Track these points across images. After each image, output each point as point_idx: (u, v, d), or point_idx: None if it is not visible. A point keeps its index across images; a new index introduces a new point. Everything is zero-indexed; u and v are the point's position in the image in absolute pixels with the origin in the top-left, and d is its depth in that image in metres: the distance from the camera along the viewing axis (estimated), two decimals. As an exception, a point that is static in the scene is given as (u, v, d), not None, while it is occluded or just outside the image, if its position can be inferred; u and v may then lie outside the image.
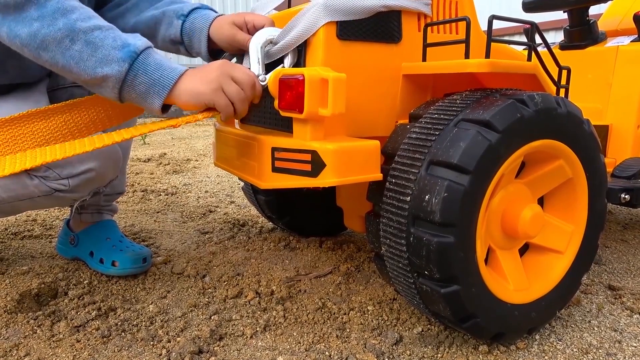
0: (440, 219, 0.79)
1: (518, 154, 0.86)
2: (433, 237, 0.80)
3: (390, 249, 0.88)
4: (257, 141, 0.92)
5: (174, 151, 3.41)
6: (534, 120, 0.86)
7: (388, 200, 0.87)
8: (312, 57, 0.92)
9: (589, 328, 1.05)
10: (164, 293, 1.19)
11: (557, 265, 1.01)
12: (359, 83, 0.95)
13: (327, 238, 1.56)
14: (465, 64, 0.88)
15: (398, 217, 0.85)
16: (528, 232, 0.93)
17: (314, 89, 0.80)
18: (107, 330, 1.01)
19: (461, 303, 0.84)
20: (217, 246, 1.51)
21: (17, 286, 1.19)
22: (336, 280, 1.26)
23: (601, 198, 1.03)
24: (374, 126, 0.99)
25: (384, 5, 0.93)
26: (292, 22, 0.93)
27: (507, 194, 0.94)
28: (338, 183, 0.81)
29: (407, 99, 1.01)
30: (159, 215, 1.86)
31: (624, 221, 1.84)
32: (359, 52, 0.94)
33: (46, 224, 1.72)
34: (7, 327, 1.02)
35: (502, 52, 1.13)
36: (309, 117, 0.82)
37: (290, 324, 1.05)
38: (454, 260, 0.81)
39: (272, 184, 0.90)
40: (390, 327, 1.04)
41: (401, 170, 0.86)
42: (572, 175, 0.98)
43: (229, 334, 1.01)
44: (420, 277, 0.85)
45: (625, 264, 1.41)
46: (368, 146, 0.84)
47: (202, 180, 2.50)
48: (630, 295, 1.20)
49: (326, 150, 0.81)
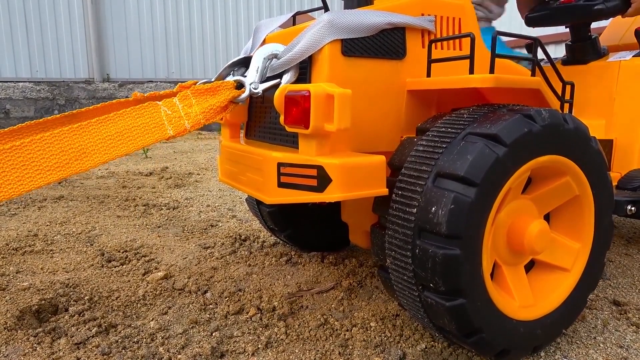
0: (446, 231, 0.79)
1: (525, 168, 0.86)
2: (439, 249, 0.79)
3: (395, 261, 0.88)
4: (263, 156, 0.93)
5: (176, 165, 3.42)
6: (541, 136, 0.86)
7: (394, 212, 0.87)
8: (318, 74, 0.93)
9: (594, 344, 1.04)
10: (164, 309, 1.18)
11: (563, 283, 1.01)
12: (364, 99, 0.96)
13: (329, 253, 1.56)
14: (470, 79, 0.89)
15: (404, 229, 0.85)
16: (534, 247, 0.92)
17: (320, 104, 0.81)
18: (108, 348, 1.00)
19: (467, 317, 0.83)
20: (219, 261, 1.50)
21: (18, 302, 1.19)
22: (338, 295, 1.25)
23: (608, 216, 1.02)
24: (379, 141, 0.99)
25: (389, 22, 0.95)
26: (296, 39, 0.95)
27: (513, 209, 0.93)
28: (344, 198, 0.82)
29: (412, 114, 1.02)
30: (161, 230, 1.86)
31: (628, 235, 1.83)
32: (364, 68, 0.95)
33: (47, 239, 1.72)
34: (7, 344, 1.01)
35: (506, 67, 1.14)
36: (315, 133, 0.83)
37: (292, 341, 1.04)
38: (460, 273, 0.81)
39: (278, 199, 0.90)
40: (394, 343, 1.03)
41: (408, 182, 0.86)
42: (579, 192, 0.98)
43: (230, 351, 1.00)
44: (426, 290, 0.84)
45: (630, 279, 1.40)
46: (374, 161, 0.85)
47: (204, 194, 2.50)
48: (636, 310, 1.19)
49: (332, 165, 0.81)
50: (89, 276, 1.38)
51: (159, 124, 0.93)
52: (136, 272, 1.41)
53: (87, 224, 1.92)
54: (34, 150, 0.87)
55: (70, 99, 5.56)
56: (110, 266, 1.46)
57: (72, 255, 1.56)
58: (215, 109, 0.96)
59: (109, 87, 5.68)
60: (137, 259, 1.52)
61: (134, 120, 0.93)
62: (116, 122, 0.92)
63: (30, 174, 0.87)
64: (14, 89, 5.40)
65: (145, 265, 1.46)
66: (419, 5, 1.01)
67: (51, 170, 0.87)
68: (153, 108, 0.94)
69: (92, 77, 5.69)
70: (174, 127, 0.92)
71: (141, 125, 0.93)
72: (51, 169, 0.87)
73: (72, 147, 0.89)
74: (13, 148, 0.85)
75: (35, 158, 0.87)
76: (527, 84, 0.95)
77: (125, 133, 0.91)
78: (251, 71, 0.99)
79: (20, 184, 0.86)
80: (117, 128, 0.91)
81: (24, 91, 5.43)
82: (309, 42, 0.92)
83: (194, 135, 5.74)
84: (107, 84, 5.68)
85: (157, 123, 0.93)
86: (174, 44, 5.97)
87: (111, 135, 0.91)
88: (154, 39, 5.91)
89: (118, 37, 5.80)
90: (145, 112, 0.93)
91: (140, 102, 1.11)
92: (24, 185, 0.87)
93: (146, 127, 0.92)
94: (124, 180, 2.81)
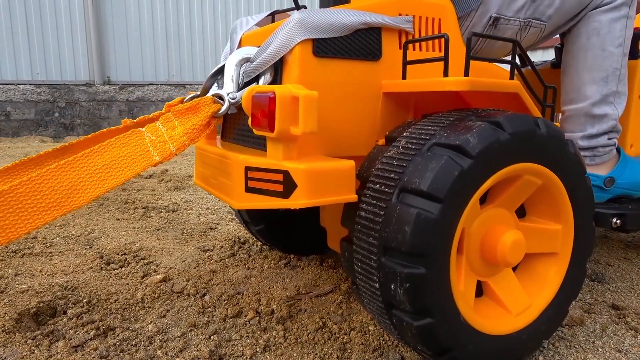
0: (410, 250, 0.76)
1: (493, 179, 0.83)
2: (404, 268, 0.76)
3: (363, 279, 0.85)
4: (232, 160, 0.90)
5: (176, 168, 3.42)
6: (510, 144, 0.82)
7: (360, 227, 0.84)
8: (288, 75, 0.90)
9: (593, 349, 1.04)
10: (163, 312, 1.18)
11: (555, 268, 0.98)
12: (337, 101, 0.92)
13: (328, 256, 1.56)
14: (444, 82, 0.86)
15: (370, 246, 0.81)
16: (508, 259, 0.89)
17: (285, 107, 0.77)
18: (106, 351, 1.00)
19: (435, 336, 0.80)
20: (218, 264, 1.50)
21: (16, 305, 1.19)
22: (337, 299, 1.25)
23: (583, 189, 0.97)
24: (354, 145, 0.96)
25: (363, 22, 0.92)
26: (269, 39, 0.92)
27: (481, 222, 0.90)
28: (310, 204, 0.79)
29: (388, 118, 0.99)
30: (160, 233, 1.86)
31: (627, 239, 1.83)
32: (337, 70, 0.92)
33: (46, 242, 1.72)
34: (5, 346, 1.01)
35: (488, 70, 1.10)
36: (281, 136, 0.80)
37: (290, 344, 1.04)
38: (426, 292, 0.77)
39: (245, 205, 0.87)
40: (392, 347, 1.03)
41: (372, 197, 0.83)
42: (542, 182, 0.92)
43: (229, 354, 1.00)
44: (393, 309, 0.82)
45: (629, 283, 1.40)
46: (342, 166, 0.81)
47: (203, 197, 2.50)
48: (635, 315, 1.19)
49: (297, 170, 0.78)
50: (88, 279, 1.38)
51: (144, 151, 0.92)
52: (135, 275, 1.41)
53: (87, 226, 1.92)
54: (24, 192, 0.86)
55: (70, 102, 5.57)
56: (109, 269, 1.46)
57: (71, 258, 1.56)
58: (198, 128, 0.95)
59: (110, 90, 5.69)
60: (136, 261, 1.52)
61: (120, 150, 0.92)
62: (102, 154, 0.91)
63: (24, 217, 0.86)
64: (14, 91, 5.41)
65: (144, 268, 1.46)
66: (396, 4, 0.97)
67: (45, 211, 0.86)
68: (137, 135, 0.93)
69: (93, 80, 5.69)
70: (160, 152, 0.91)
71: (127, 155, 0.91)
72: (45, 209, 0.86)
73: (62, 184, 0.88)
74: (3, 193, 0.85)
75: (29, 199, 0.86)
76: (504, 87, 0.90)
77: (112, 165, 0.90)
78: (226, 82, 0.97)
79: (16, 227, 0.86)
80: (104, 160, 0.90)
81: (24, 93, 5.44)
82: (279, 43, 0.89)
83: (194, 137, 5.74)
84: (108, 87, 5.69)
85: (142, 150, 0.92)
86: (174, 46, 5.98)
87: (99, 169, 0.90)
88: (154, 41, 5.92)
89: (119, 40, 5.82)
90: (130, 140, 0.92)
91: (129, 129, 1.10)
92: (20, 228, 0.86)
93: (132, 156, 0.91)
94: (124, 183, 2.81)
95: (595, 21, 1.24)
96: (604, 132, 1.27)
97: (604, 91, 1.24)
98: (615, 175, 1.31)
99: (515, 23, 1.19)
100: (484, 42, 1.21)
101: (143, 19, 5.88)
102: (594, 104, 1.25)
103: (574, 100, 1.28)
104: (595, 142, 1.28)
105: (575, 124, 1.29)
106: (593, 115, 1.26)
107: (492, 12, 1.16)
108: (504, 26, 1.18)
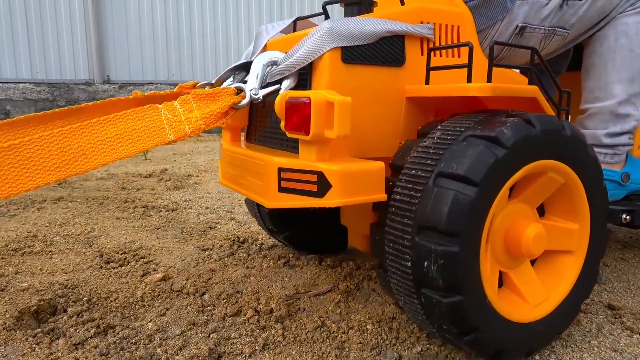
0: (446, 228, 0.81)
1: (522, 171, 0.88)
2: (438, 246, 0.81)
3: (393, 259, 0.89)
4: (264, 161, 0.94)
5: (175, 167, 3.43)
6: (539, 140, 0.89)
7: (394, 210, 0.89)
8: (318, 81, 0.94)
9: (588, 348, 1.05)
10: (163, 311, 1.19)
11: (570, 265, 1.03)
12: (363, 105, 0.97)
13: (327, 256, 1.56)
14: (468, 88, 0.91)
15: (404, 227, 0.86)
16: (531, 250, 0.94)
17: (320, 111, 0.82)
18: (106, 349, 1.01)
19: (463, 314, 0.84)
20: (217, 263, 1.51)
21: (17, 303, 1.19)
22: (335, 298, 1.26)
23: (600, 192, 1.03)
24: (378, 147, 1.01)
25: (388, 30, 0.96)
26: (296, 46, 0.96)
27: (507, 215, 0.95)
28: (343, 203, 0.83)
29: (411, 121, 1.03)
30: (159, 232, 1.87)
31: (624, 240, 1.84)
32: (364, 76, 0.96)
33: (47, 240, 1.72)
34: (6, 344, 1.02)
35: (505, 75, 1.15)
36: (315, 139, 0.84)
37: (289, 343, 1.05)
38: (458, 270, 0.82)
39: (278, 204, 0.91)
40: (390, 346, 1.04)
41: (409, 181, 0.88)
42: (564, 180, 0.98)
43: (228, 352, 1.01)
44: (423, 288, 0.86)
45: (625, 283, 1.41)
46: (373, 167, 0.86)
47: (203, 196, 2.51)
48: (630, 315, 1.20)
49: (332, 171, 0.83)
50: (88, 277, 1.39)
51: (159, 127, 0.93)
52: (135, 274, 1.42)
53: (86, 225, 1.93)
54: (33, 149, 0.87)
55: (70, 100, 5.58)
56: (109, 267, 1.47)
57: (71, 257, 1.57)
58: (215, 115, 0.97)
59: (109, 89, 5.69)
60: (135, 260, 1.53)
61: (135, 122, 0.93)
62: (116, 124, 0.92)
63: (28, 174, 0.87)
64: (14, 89, 5.42)
65: (143, 267, 1.47)
66: (418, 13, 1.02)
67: (50, 171, 0.88)
68: (154, 111, 0.94)
69: (93, 79, 5.70)
70: (175, 131, 0.93)
71: (142, 129, 0.93)
72: (50, 170, 0.88)
73: (72, 148, 0.89)
74: (12, 147, 0.86)
75: (34, 158, 0.87)
76: (523, 92, 0.96)
77: (125, 136, 0.91)
78: (251, 77, 1.00)
79: (18, 183, 0.87)
80: (117, 130, 0.91)
81: (24, 92, 5.45)
82: (309, 49, 0.93)
83: (193, 137, 5.74)
84: (108, 86, 5.69)
85: (157, 127, 0.93)
86: (174, 46, 5.98)
87: (111, 137, 0.91)
88: (154, 40, 5.92)
89: (119, 39, 5.82)
90: (146, 115, 0.94)
91: (140, 102, 1.11)
92: (22, 184, 0.87)
93: (147, 130, 0.93)
94: (124, 182, 2.82)
95: (623, 24, 1.30)
96: (627, 131, 1.34)
97: (630, 91, 1.31)
98: (629, 171, 1.37)
99: (540, 31, 1.24)
100: (509, 50, 1.26)
101: (143, 18, 5.88)
102: (619, 103, 1.31)
103: (600, 98, 1.33)
104: (617, 140, 1.34)
105: (599, 122, 1.34)
106: (618, 114, 1.32)
107: (519, 22, 1.20)
108: (529, 34, 1.23)
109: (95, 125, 0.91)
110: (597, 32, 1.33)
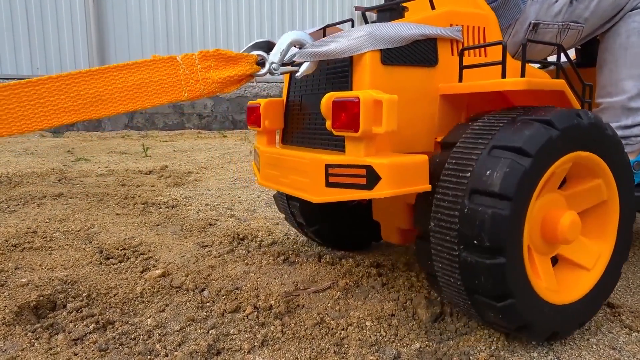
0: (499, 191, 0.86)
1: (568, 157, 0.96)
2: (489, 208, 0.87)
3: (439, 223, 0.94)
4: (309, 159, 1.00)
5: (175, 164, 3.43)
6: (584, 129, 0.96)
7: (446, 177, 0.95)
8: (359, 81, 1.02)
9: (587, 346, 1.05)
10: (162, 306, 1.19)
11: (583, 281, 1.07)
12: (401, 103, 1.03)
13: (326, 253, 1.57)
14: (504, 83, 0.97)
15: (455, 192, 0.92)
16: (567, 236, 0.99)
17: (369, 109, 0.88)
18: (105, 344, 1.01)
19: (503, 277, 0.88)
20: (217, 260, 1.51)
21: (16, 298, 1.20)
22: (335, 295, 1.26)
23: (630, 222, 1.10)
24: (415, 142, 1.08)
25: (422, 34, 1.04)
26: (329, 37, 1.03)
27: (548, 201, 1.00)
28: (393, 194, 0.89)
29: (445, 117, 1.10)
30: (159, 228, 1.87)
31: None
32: (401, 75, 1.03)
33: (46, 236, 1.73)
34: (5, 339, 1.02)
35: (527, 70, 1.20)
36: (364, 136, 0.90)
37: (288, 339, 1.05)
38: (505, 232, 0.87)
39: (326, 198, 0.97)
40: (389, 343, 1.04)
41: (463, 152, 0.94)
42: (607, 198, 1.05)
43: (227, 348, 1.01)
44: (467, 250, 0.90)
45: (624, 282, 1.41)
46: (418, 160, 0.93)
47: (203, 193, 2.51)
48: (629, 313, 1.20)
49: (381, 164, 0.89)
50: (88, 273, 1.39)
51: (175, 82, 0.94)
52: (134, 270, 1.42)
53: (86, 221, 1.93)
54: (50, 89, 0.87)
55: (70, 97, 5.57)
56: (108, 263, 1.47)
57: (70, 253, 1.57)
58: (232, 80, 0.97)
59: (110, 85, 5.68)
60: (135, 256, 1.53)
61: (152, 73, 0.93)
62: (134, 72, 0.93)
63: (45, 112, 0.87)
64: (14, 85, 5.40)
65: (143, 263, 1.47)
66: (448, 16, 1.10)
67: (66, 112, 0.88)
68: (172, 64, 0.94)
69: (93, 75, 5.69)
70: (190, 90, 0.93)
71: (158, 81, 0.93)
72: (66, 111, 0.88)
73: (89, 91, 0.89)
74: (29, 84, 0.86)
75: (52, 97, 0.87)
76: (553, 86, 1.02)
77: (142, 86, 0.92)
78: (275, 52, 1.04)
79: (35, 120, 0.87)
80: (134, 79, 0.92)
81: (24, 88, 5.44)
82: (348, 45, 0.99)
83: (193, 134, 5.75)
84: (108, 82, 5.69)
85: (173, 81, 0.93)
86: (175, 42, 5.98)
87: (128, 86, 0.92)
88: (155, 36, 5.92)
89: (119, 35, 5.82)
90: (164, 66, 0.94)
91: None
92: (37, 122, 0.87)
93: (163, 83, 0.93)
94: (124, 179, 2.82)
95: (635, 21, 1.36)
96: (638, 123, 1.40)
97: None
98: None
99: (554, 27, 1.31)
100: (528, 46, 1.32)
101: (144, 15, 5.88)
102: (630, 98, 1.39)
103: (612, 93, 1.41)
104: (629, 132, 1.41)
105: (611, 116, 1.42)
106: (629, 108, 1.39)
107: (531, 19, 1.28)
108: (543, 30, 1.30)
109: (113, 71, 0.91)
110: (612, 28, 1.39)
